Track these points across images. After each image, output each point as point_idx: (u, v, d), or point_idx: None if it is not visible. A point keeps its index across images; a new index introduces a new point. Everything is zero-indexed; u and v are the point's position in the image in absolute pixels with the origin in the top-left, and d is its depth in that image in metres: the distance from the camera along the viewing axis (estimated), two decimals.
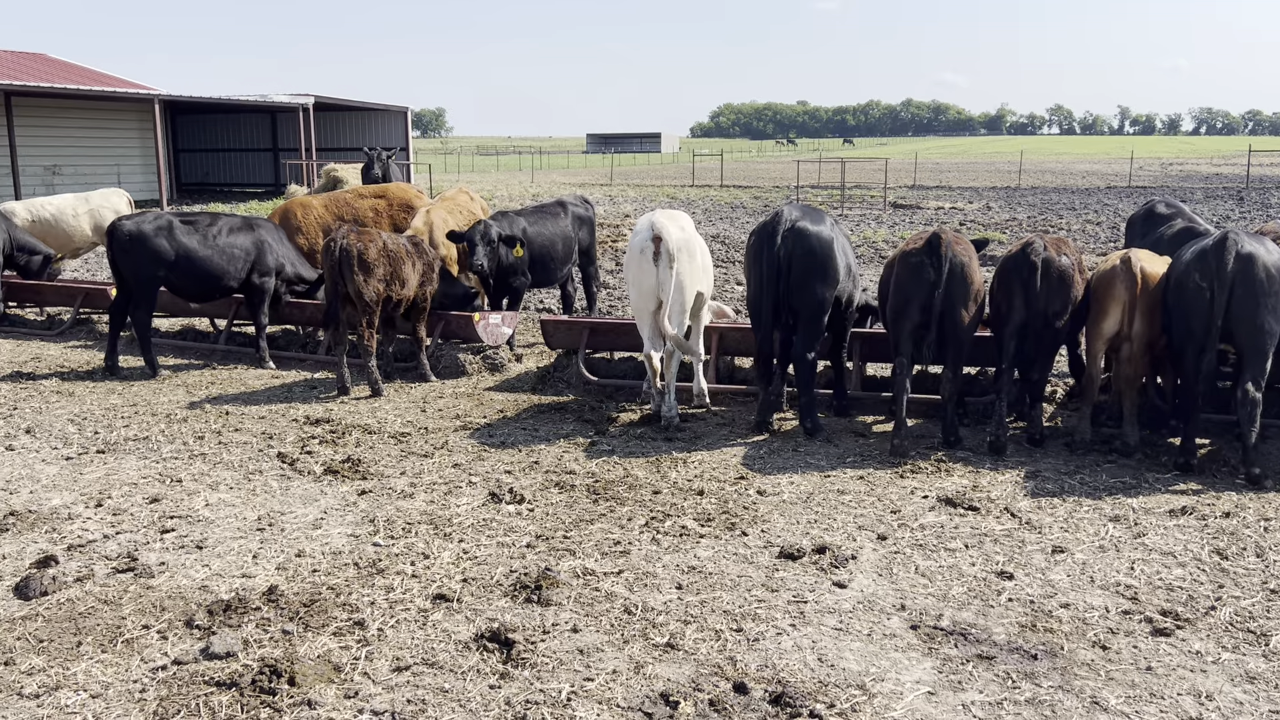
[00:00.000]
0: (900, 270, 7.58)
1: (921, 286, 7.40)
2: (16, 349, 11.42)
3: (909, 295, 7.47)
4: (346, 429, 8.09)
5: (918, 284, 7.42)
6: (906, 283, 7.50)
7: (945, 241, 7.44)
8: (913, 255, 7.51)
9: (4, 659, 4.48)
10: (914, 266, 7.46)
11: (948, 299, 7.42)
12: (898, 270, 7.62)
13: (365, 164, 21.31)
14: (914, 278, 7.45)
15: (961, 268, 7.46)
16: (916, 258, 7.47)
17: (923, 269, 7.40)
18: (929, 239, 7.52)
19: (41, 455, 7.46)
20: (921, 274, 7.41)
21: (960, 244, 7.60)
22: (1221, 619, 4.90)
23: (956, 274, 7.43)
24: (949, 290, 7.40)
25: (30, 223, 14.19)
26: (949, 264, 7.38)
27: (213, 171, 45.58)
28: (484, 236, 10.04)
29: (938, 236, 7.48)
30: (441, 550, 5.68)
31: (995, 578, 5.35)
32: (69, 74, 36.90)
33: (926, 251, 7.44)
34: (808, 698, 4.17)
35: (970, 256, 7.60)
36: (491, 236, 10.08)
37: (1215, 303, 6.90)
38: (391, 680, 4.32)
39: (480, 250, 9.95)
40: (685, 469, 7.17)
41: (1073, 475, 7.01)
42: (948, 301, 7.43)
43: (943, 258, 7.36)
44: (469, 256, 10.12)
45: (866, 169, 55.46)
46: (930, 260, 7.39)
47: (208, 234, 10.09)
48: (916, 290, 7.42)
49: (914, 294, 7.43)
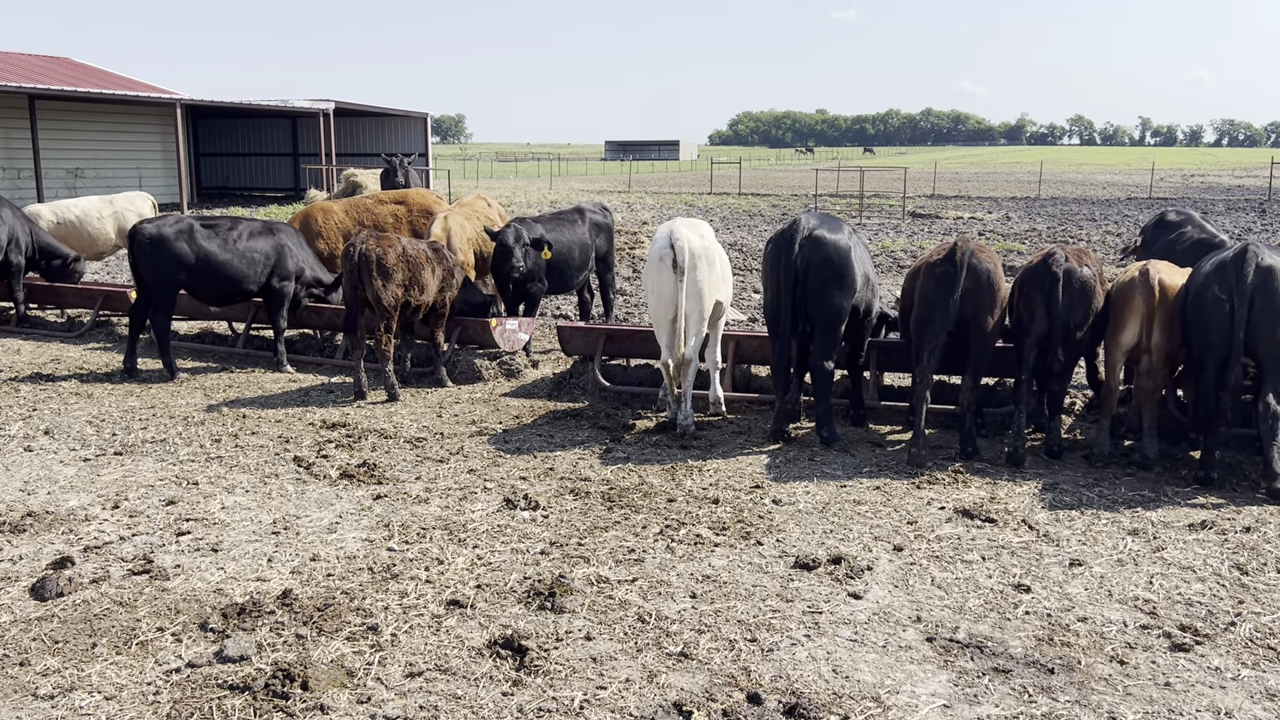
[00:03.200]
0: (925, 279, 7.57)
1: (946, 295, 7.38)
2: (37, 350, 11.50)
3: (934, 304, 7.45)
4: (362, 433, 8.11)
5: (943, 293, 7.40)
6: (932, 292, 7.49)
7: (968, 250, 7.43)
8: (938, 265, 7.50)
9: (20, 660, 4.50)
10: (939, 276, 7.44)
11: (974, 308, 7.41)
12: (923, 279, 7.61)
13: (385, 169, 21.38)
14: (939, 287, 7.43)
15: (987, 275, 7.47)
16: (942, 267, 7.46)
17: (948, 278, 7.39)
18: (951, 247, 7.51)
19: (60, 456, 7.50)
20: (947, 283, 7.39)
21: (984, 252, 7.59)
22: (1241, 635, 4.84)
23: (982, 282, 7.42)
24: (975, 299, 7.40)
25: (55, 225, 14.29)
26: (975, 272, 7.39)
27: (233, 175, 45.86)
28: (518, 238, 10.10)
29: (960, 245, 7.47)
30: (456, 556, 5.68)
31: (1012, 590, 5.31)
32: (92, 78, 37.20)
33: (950, 260, 7.43)
34: (822, 709, 4.14)
35: (995, 265, 7.59)
36: (524, 239, 10.14)
37: (1235, 315, 6.84)
38: (404, 686, 4.31)
39: (516, 252, 10.01)
40: (701, 477, 7.15)
41: (1091, 488, 6.96)
42: (973, 310, 7.42)
43: (965, 266, 7.35)
44: (501, 261, 10.16)
45: (885, 178, 55.36)
46: (954, 269, 7.37)
47: (228, 238, 10.14)
48: (941, 299, 7.40)
49: (939, 303, 7.42)
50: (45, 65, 37.61)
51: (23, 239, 12.60)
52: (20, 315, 12.79)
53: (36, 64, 37.22)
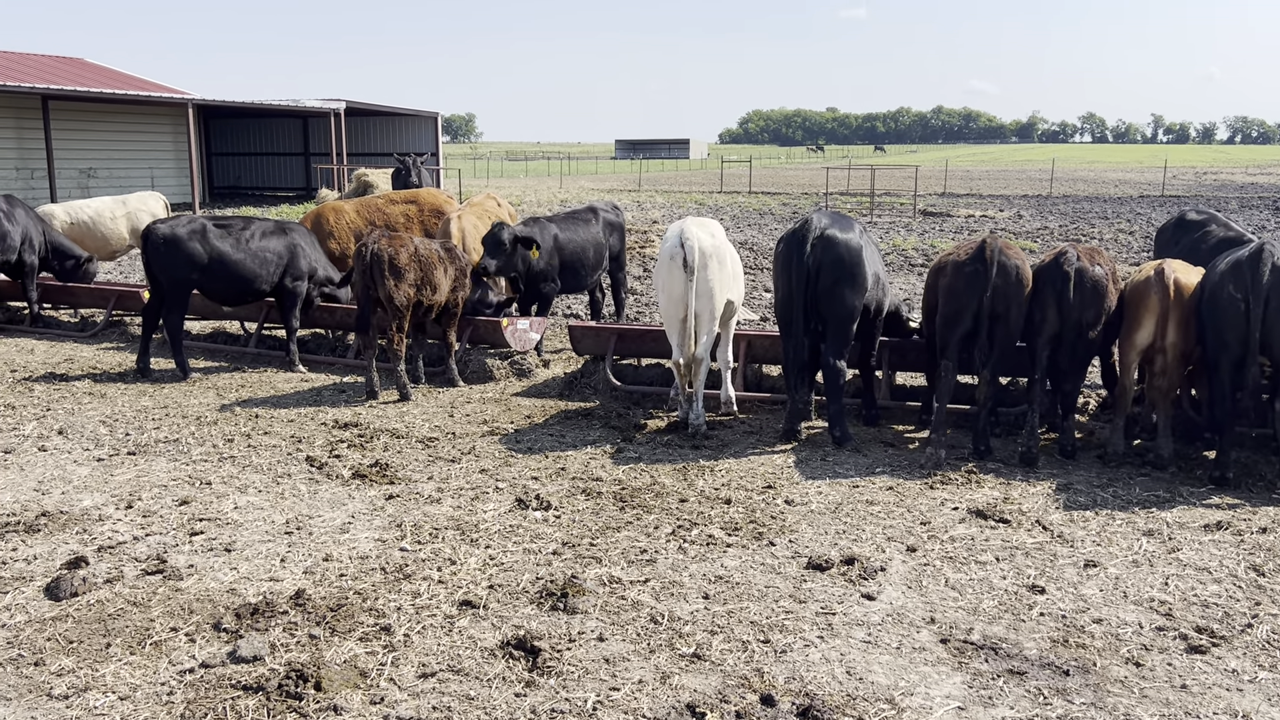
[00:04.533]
0: (954, 277, 7.58)
1: (977, 293, 7.40)
2: (51, 350, 11.55)
3: (964, 302, 7.47)
4: (375, 433, 8.12)
5: (973, 291, 7.42)
6: (962, 290, 7.49)
7: (998, 247, 7.46)
8: (967, 263, 7.52)
9: (35, 660, 4.51)
10: (969, 274, 7.46)
11: (1004, 304, 7.44)
12: (951, 277, 7.61)
13: (396, 169, 21.41)
14: (970, 285, 7.45)
15: (1016, 271, 7.49)
16: (971, 265, 7.48)
17: (978, 276, 7.40)
18: (980, 245, 7.54)
19: (73, 456, 7.53)
20: (977, 281, 7.40)
21: (1011, 249, 7.62)
22: (1258, 636, 4.81)
23: (1012, 279, 7.45)
24: (1005, 295, 7.43)
25: (69, 225, 14.33)
26: (1005, 269, 7.43)
27: (245, 175, 45.96)
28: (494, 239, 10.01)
29: (990, 242, 7.51)
30: (468, 556, 5.68)
31: (1027, 591, 5.28)
32: (105, 78, 37.33)
33: (980, 258, 7.44)
34: (835, 711, 4.13)
35: (1023, 261, 7.60)
36: (503, 239, 10.03)
37: (1251, 314, 6.80)
38: (417, 687, 4.31)
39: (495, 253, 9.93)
40: (712, 477, 7.14)
41: (1105, 488, 6.92)
42: (1004, 307, 7.44)
43: (995, 263, 7.38)
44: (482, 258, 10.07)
45: (896, 176, 55.21)
46: (985, 267, 7.39)
47: (241, 238, 10.16)
48: (972, 297, 7.42)
49: (969, 301, 7.44)
50: (58, 66, 37.76)
51: (36, 239, 12.65)
52: (34, 315, 12.85)
53: (50, 64, 37.38)
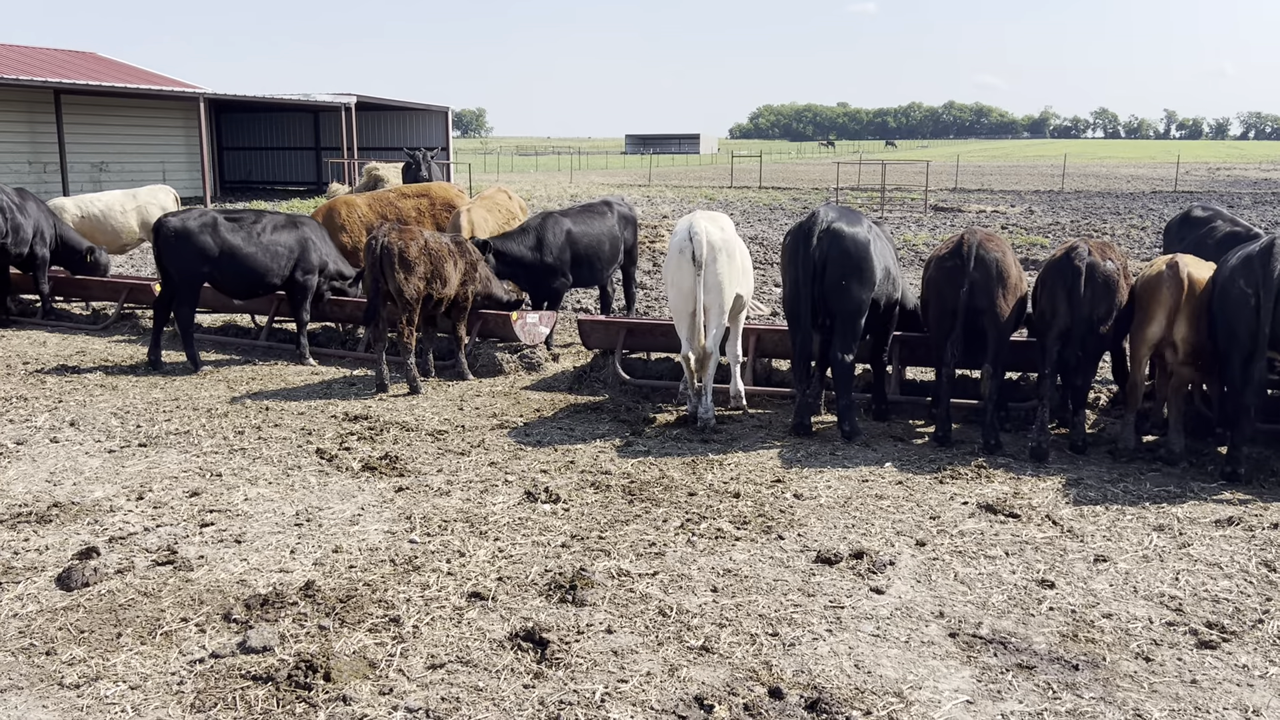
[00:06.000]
0: (935, 273, 7.81)
1: (956, 288, 7.54)
2: (62, 343, 11.60)
3: (945, 297, 7.65)
4: (385, 426, 8.14)
5: (952, 286, 7.58)
6: (943, 285, 7.68)
7: (975, 241, 7.59)
8: (946, 258, 7.72)
9: (46, 649, 4.54)
10: (948, 270, 7.65)
11: (986, 297, 7.52)
12: (933, 273, 7.86)
13: (406, 163, 21.44)
14: (949, 280, 7.62)
15: (995, 263, 7.57)
16: (950, 260, 7.67)
17: (956, 271, 7.58)
18: (958, 240, 7.72)
19: (85, 448, 7.56)
20: (955, 276, 7.57)
21: (992, 241, 7.75)
22: (1269, 632, 4.79)
23: (991, 272, 7.54)
24: (986, 289, 7.52)
25: (80, 219, 14.39)
26: (983, 263, 7.53)
27: (256, 169, 46.06)
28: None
29: (967, 237, 7.67)
30: (477, 548, 5.69)
31: (1036, 586, 5.27)
32: (117, 72, 37.42)
33: (957, 253, 7.62)
34: (844, 704, 4.13)
35: (1004, 252, 7.68)
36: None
37: (1261, 309, 6.77)
38: (426, 678, 4.32)
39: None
40: (721, 471, 7.13)
41: (1116, 483, 6.90)
42: (986, 300, 7.51)
43: (972, 258, 7.50)
44: None
45: (907, 171, 55.06)
46: (961, 262, 7.54)
47: (252, 231, 10.18)
48: (952, 292, 7.57)
49: (950, 296, 7.60)
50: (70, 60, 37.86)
51: (48, 232, 12.70)
52: (46, 308, 12.90)
53: (62, 59, 37.48)
